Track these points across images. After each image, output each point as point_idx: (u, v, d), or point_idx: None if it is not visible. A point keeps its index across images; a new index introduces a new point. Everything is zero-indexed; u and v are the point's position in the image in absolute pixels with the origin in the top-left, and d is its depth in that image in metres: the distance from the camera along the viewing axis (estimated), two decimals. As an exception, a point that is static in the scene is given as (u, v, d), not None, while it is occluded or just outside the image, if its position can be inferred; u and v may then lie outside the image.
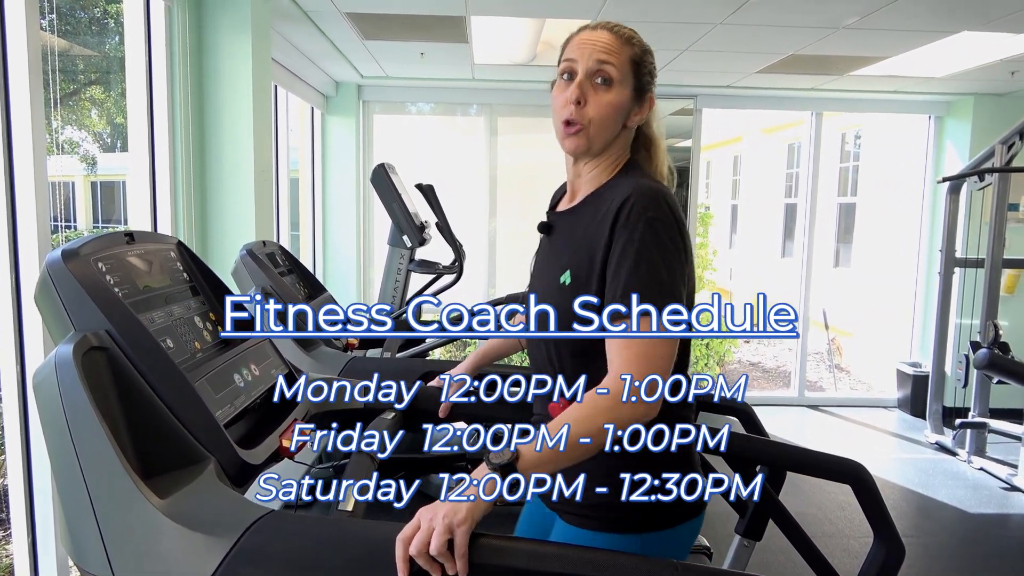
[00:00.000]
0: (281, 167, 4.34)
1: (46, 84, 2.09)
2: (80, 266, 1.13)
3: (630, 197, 1.15)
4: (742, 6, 3.31)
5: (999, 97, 5.33)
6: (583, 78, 1.23)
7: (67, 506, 1.03)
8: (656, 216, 1.14)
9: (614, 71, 1.23)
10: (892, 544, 1.45)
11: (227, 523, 1.00)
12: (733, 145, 11.73)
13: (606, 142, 1.26)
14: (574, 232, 1.26)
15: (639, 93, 1.27)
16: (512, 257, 5.63)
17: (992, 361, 4.01)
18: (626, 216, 1.14)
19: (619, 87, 1.24)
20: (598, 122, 1.23)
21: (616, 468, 1.20)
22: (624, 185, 1.20)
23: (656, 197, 1.16)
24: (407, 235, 3.68)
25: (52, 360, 1.03)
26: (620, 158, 1.30)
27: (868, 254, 7.82)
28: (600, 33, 1.26)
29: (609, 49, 1.23)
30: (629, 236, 1.13)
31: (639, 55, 1.27)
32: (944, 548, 3.45)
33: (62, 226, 2.76)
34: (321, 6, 3.47)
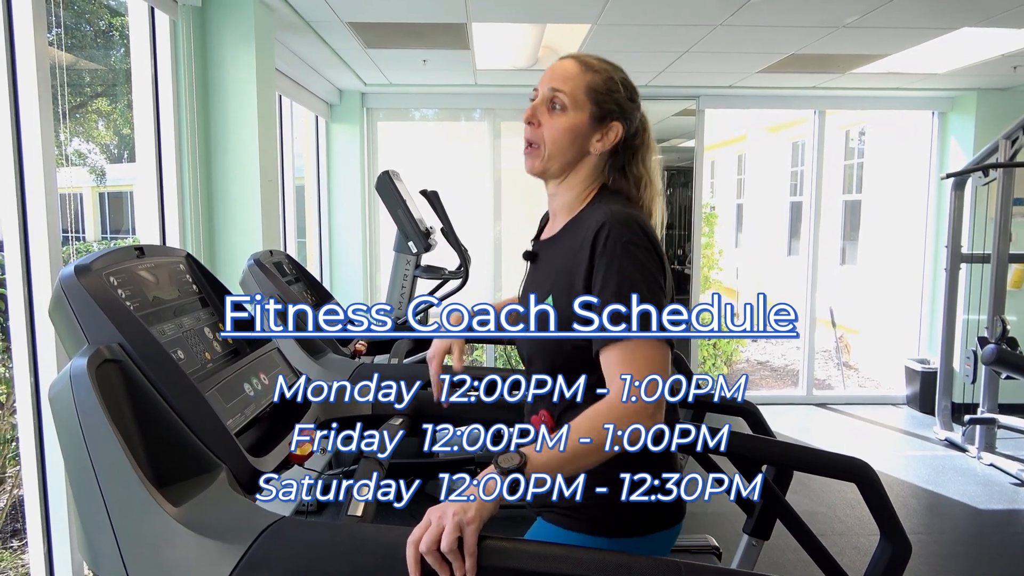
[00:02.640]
0: (286, 176, 4.37)
1: (54, 98, 2.12)
2: (92, 281, 1.16)
3: (604, 224, 1.18)
4: (742, 7, 3.33)
5: (1002, 92, 5.32)
6: (539, 102, 1.30)
7: (83, 515, 1.05)
8: (631, 240, 1.18)
9: (566, 98, 1.27)
10: (898, 541, 1.46)
11: (239, 530, 1.02)
12: (737, 144, 11.71)
13: (562, 164, 1.30)
14: (554, 260, 1.30)
15: (599, 120, 1.29)
16: (517, 261, 5.58)
17: (1000, 356, 4.01)
18: (603, 243, 1.18)
19: (573, 112, 1.27)
20: (550, 143, 1.28)
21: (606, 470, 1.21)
22: (597, 213, 1.23)
23: (629, 222, 1.19)
24: (413, 241, 3.70)
25: (67, 373, 1.06)
26: (591, 186, 1.33)
27: (874, 251, 7.80)
28: (566, 62, 1.31)
29: (566, 76, 1.28)
30: (608, 262, 1.17)
31: (599, 83, 1.29)
32: (954, 545, 3.45)
33: (72, 237, 2.79)
34: (323, 16, 3.50)
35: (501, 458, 1.02)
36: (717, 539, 2.84)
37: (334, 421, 1.61)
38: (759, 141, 11.05)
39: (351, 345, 2.70)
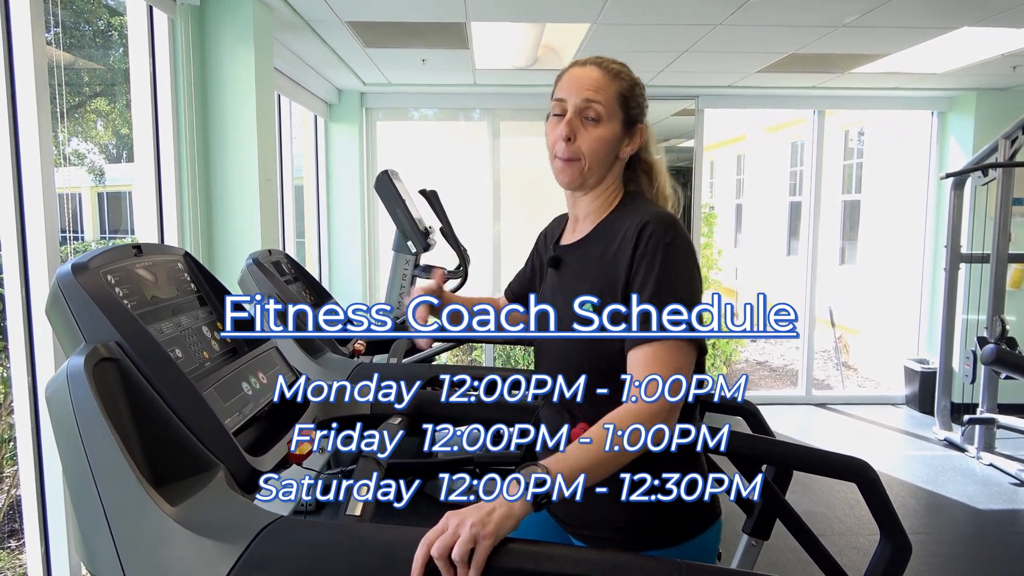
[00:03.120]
0: (285, 175, 4.36)
1: (52, 97, 2.12)
2: (90, 279, 1.15)
3: (648, 224, 1.20)
4: (741, 6, 3.32)
5: (1001, 92, 5.32)
6: (572, 116, 1.27)
7: (80, 515, 1.05)
8: (673, 242, 1.19)
9: (602, 109, 1.26)
10: (898, 541, 1.46)
11: (237, 529, 1.01)
12: (736, 144, 11.72)
13: (600, 175, 1.31)
14: (587, 262, 1.30)
15: (629, 125, 1.31)
16: (516, 260, 5.61)
17: (999, 356, 4.00)
18: (646, 243, 1.19)
19: (608, 122, 1.27)
20: (590, 156, 1.28)
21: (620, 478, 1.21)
22: (637, 214, 1.25)
23: (672, 225, 1.21)
24: (412, 240, 3.70)
25: (64, 372, 1.05)
26: (618, 189, 1.35)
27: (873, 251, 7.80)
28: (589, 70, 1.29)
29: (597, 86, 1.27)
30: (651, 261, 1.18)
31: (627, 89, 1.30)
32: (954, 545, 3.45)
33: (70, 237, 2.79)
34: (323, 15, 3.50)
35: (525, 471, 1.01)
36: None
37: (333, 421, 1.61)
38: (758, 141, 11.06)
39: (350, 345, 2.70)
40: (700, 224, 5.84)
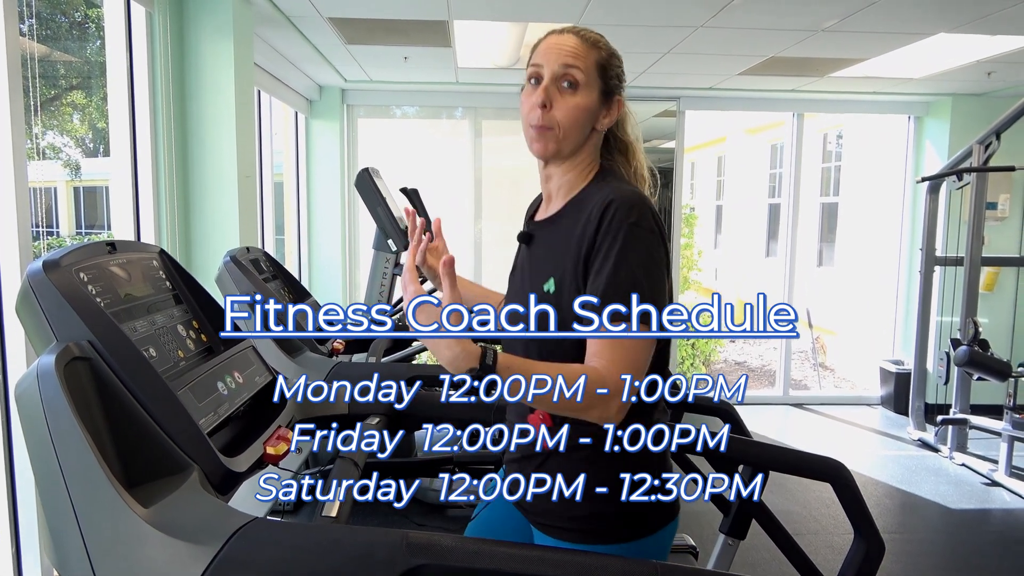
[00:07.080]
0: (265, 172, 4.32)
1: (26, 90, 2.08)
2: (61, 277, 1.13)
3: (612, 202, 1.16)
4: (723, 9, 3.34)
5: (976, 97, 5.41)
6: (549, 82, 1.24)
7: (50, 517, 1.03)
8: (637, 222, 1.15)
9: (580, 75, 1.23)
10: (872, 540, 1.48)
11: (211, 531, 1.00)
12: (717, 146, 11.80)
13: (575, 145, 1.27)
14: (555, 240, 1.27)
15: (606, 96, 1.28)
16: (498, 260, 5.64)
17: (972, 358, 4.08)
18: (608, 222, 1.15)
19: (585, 90, 1.24)
20: (566, 125, 1.24)
21: (600, 472, 1.21)
22: (604, 191, 1.21)
23: (638, 204, 1.17)
24: (392, 239, 3.68)
25: (34, 371, 1.03)
26: (592, 163, 1.31)
27: (851, 253, 7.89)
28: (566, 37, 1.26)
29: (575, 53, 1.24)
30: (611, 241, 1.14)
31: (605, 58, 1.27)
32: (927, 544, 3.50)
33: (44, 232, 2.74)
34: (303, 11, 3.47)
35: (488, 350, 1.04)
36: (694, 538, 2.85)
37: (310, 420, 1.59)
38: (739, 143, 11.14)
39: (329, 344, 2.68)
40: (681, 225, 5.87)
